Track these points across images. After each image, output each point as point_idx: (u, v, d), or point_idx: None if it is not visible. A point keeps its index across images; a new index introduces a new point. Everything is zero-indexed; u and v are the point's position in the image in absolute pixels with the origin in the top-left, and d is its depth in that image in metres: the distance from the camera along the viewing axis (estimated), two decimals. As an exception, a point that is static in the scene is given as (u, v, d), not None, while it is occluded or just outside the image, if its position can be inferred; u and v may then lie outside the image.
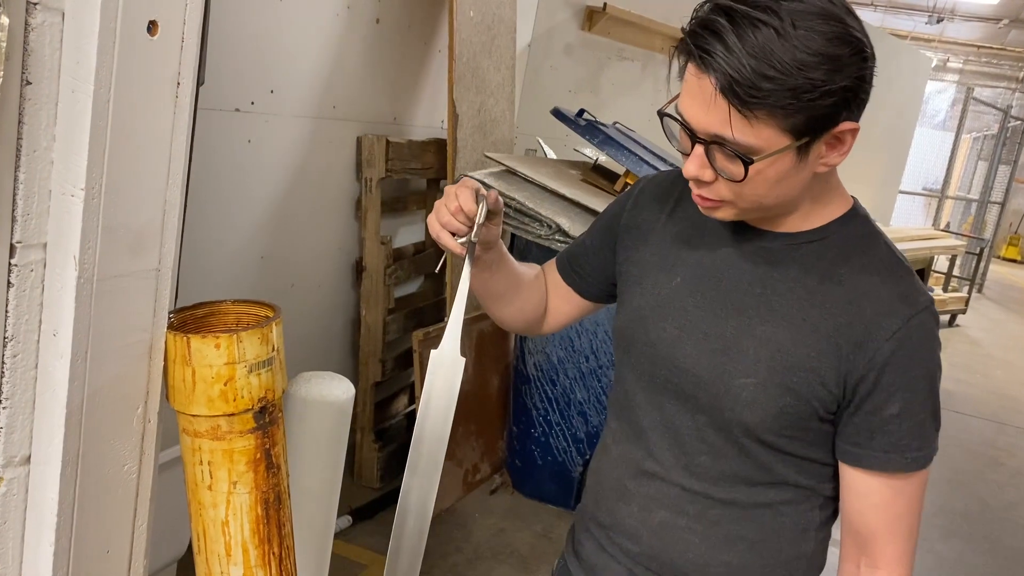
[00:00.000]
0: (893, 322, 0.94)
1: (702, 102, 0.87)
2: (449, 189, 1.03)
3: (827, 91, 0.84)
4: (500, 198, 1.06)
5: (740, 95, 0.83)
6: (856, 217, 1.02)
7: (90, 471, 0.96)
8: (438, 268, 1.12)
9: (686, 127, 0.91)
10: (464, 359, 1.06)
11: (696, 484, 1.05)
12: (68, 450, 0.92)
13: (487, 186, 2.74)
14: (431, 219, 1.04)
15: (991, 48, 9.82)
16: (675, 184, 1.13)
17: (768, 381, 0.97)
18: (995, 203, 10.80)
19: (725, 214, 0.97)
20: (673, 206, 1.12)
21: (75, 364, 0.90)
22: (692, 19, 0.88)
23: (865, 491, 0.99)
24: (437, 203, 1.04)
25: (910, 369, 0.94)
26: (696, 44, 0.85)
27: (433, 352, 1.06)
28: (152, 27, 0.89)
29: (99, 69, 0.84)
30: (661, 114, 0.95)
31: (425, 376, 1.06)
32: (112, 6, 0.83)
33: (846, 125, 0.89)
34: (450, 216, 1.02)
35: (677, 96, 0.93)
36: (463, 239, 1.02)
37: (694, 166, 0.92)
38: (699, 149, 0.91)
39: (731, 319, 1.01)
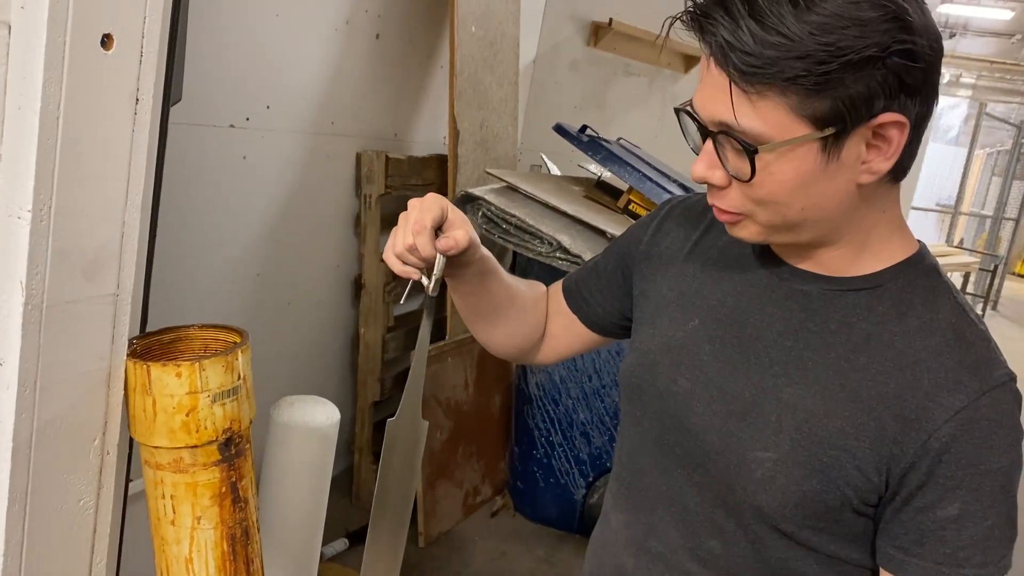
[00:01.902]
0: (957, 398, 0.75)
1: (710, 85, 0.73)
2: (412, 204, 0.87)
3: (849, 63, 0.68)
4: (466, 236, 0.89)
5: (739, 65, 0.69)
6: (920, 265, 0.83)
7: (41, 507, 0.91)
8: (403, 299, 1.04)
9: (696, 119, 0.77)
10: (427, 422, 0.92)
11: (705, 574, 0.87)
12: (16, 485, 0.87)
13: (475, 198, 2.69)
14: (388, 245, 0.89)
15: (1004, 63, 9.75)
16: (707, 209, 0.95)
17: (790, 458, 0.79)
18: (1009, 219, 10.69)
19: (747, 232, 0.81)
20: (702, 234, 0.96)
21: (22, 395, 0.85)
22: None
23: None
24: (401, 218, 0.87)
25: (977, 461, 0.74)
26: (700, 11, 0.72)
27: (389, 422, 0.92)
28: (107, 41, 0.84)
29: (47, 85, 0.79)
30: (678, 110, 0.80)
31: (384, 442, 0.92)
32: (61, 18, 0.79)
33: (887, 116, 0.71)
34: (403, 250, 0.87)
35: None
36: (427, 279, 0.88)
37: (702, 165, 0.78)
38: (708, 144, 0.77)
39: (752, 376, 0.83)
